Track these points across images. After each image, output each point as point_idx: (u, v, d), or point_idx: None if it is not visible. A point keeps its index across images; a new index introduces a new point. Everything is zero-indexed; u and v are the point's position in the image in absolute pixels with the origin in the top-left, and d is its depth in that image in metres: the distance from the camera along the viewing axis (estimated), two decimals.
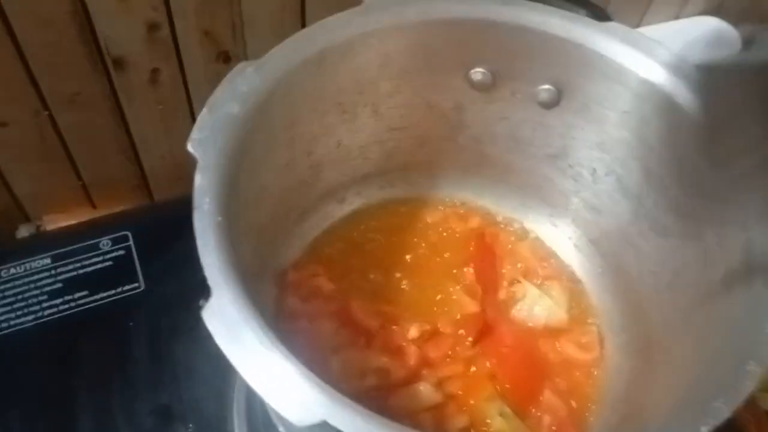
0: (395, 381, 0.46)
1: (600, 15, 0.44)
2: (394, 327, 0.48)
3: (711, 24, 0.82)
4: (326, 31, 0.40)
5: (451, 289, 0.51)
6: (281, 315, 0.48)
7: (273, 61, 0.38)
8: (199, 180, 0.33)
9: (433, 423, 0.44)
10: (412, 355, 0.47)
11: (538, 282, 0.52)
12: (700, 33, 0.80)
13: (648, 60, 0.40)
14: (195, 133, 0.35)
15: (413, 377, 0.46)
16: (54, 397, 0.53)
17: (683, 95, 0.39)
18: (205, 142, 0.35)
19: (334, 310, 0.49)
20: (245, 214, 0.40)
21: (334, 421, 0.27)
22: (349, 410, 0.28)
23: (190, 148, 0.34)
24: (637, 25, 0.80)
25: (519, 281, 0.52)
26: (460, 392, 0.46)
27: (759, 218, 0.35)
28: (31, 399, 0.53)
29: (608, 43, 0.41)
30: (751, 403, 0.63)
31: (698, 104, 0.38)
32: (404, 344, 0.47)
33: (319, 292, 0.49)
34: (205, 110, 0.36)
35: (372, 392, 0.45)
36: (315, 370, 0.43)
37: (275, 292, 0.48)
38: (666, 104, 0.40)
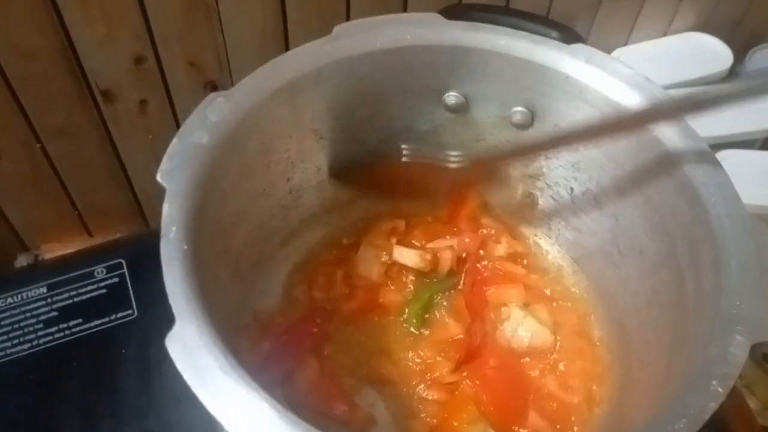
0: None
1: (570, 37, 0.45)
2: None
3: (700, 40, 0.82)
4: (296, 61, 0.41)
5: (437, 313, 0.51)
6: (266, 336, 0.48)
7: (242, 91, 0.39)
8: (167, 209, 0.34)
9: None
10: None
11: (524, 302, 0.52)
12: (688, 49, 0.80)
13: (611, 79, 0.40)
14: (164, 164, 0.36)
15: None
16: (48, 424, 0.54)
17: None
18: (174, 172, 0.35)
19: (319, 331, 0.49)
20: (220, 241, 0.41)
21: None
22: None
23: (159, 178, 0.35)
24: (624, 44, 0.80)
25: (505, 304, 0.51)
26: (444, 415, 0.46)
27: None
28: (25, 426, 0.54)
29: (573, 65, 0.41)
30: (750, 421, 0.62)
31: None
32: None
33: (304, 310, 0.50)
34: (175, 140, 0.37)
35: None
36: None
37: (263, 313, 0.49)
38: None
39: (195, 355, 0.29)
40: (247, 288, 0.47)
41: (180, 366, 0.29)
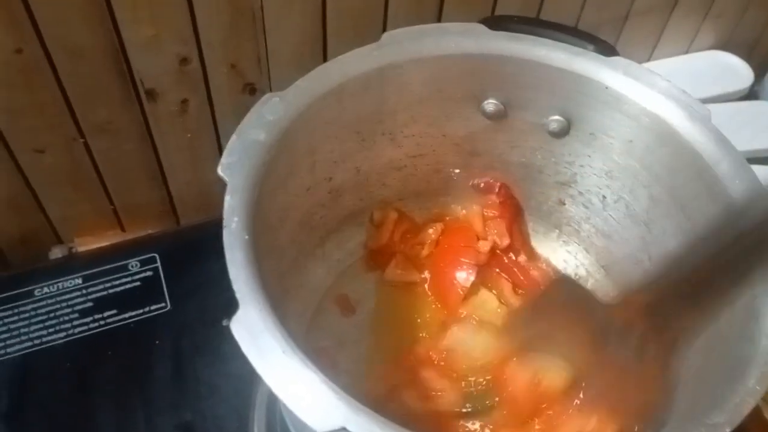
0: None
1: (607, 50, 0.46)
2: None
3: (720, 58, 0.84)
4: (346, 65, 0.43)
5: None
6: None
7: (296, 93, 0.41)
8: (229, 201, 0.36)
9: None
10: None
11: None
12: (709, 67, 0.82)
13: (650, 91, 0.42)
14: (225, 158, 0.37)
15: None
16: (81, 412, 0.56)
17: (683, 125, 0.41)
18: (233, 166, 0.37)
19: None
20: (268, 235, 0.42)
21: (352, 427, 0.29)
22: (367, 417, 0.29)
23: (220, 171, 0.37)
24: (647, 60, 0.82)
25: None
26: None
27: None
28: (60, 413, 0.56)
29: (612, 76, 0.43)
30: (761, 421, 0.63)
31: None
32: None
33: None
34: (234, 137, 0.38)
35: None
36: None
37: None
38: (667, 133, 0.42)
39: (258, 339, 0.31)
40: (286, 283, 0.48)
41: (245, 348, 0.30)
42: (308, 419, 0.29)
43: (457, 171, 0.54)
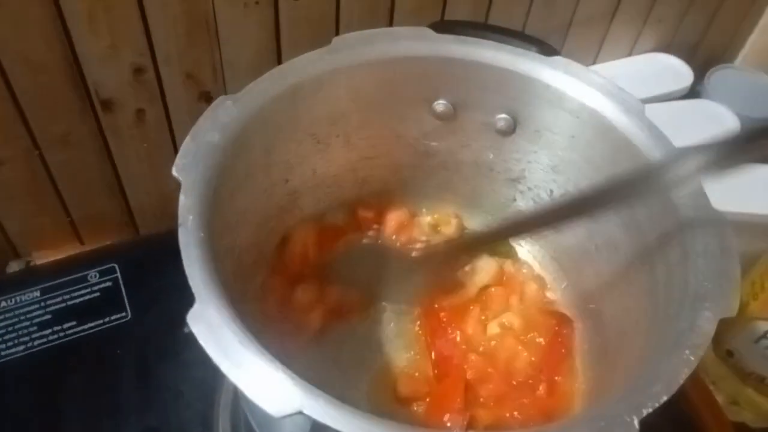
0: None
1: (548, 51, 0.49)
2: None
3: (662, 60, 0.88)
4: (298, 68, 0.44)
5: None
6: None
7: (250, 95, 0.42)
8: (184, 200, 0.36)
9: None
10: None
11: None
12: (653, 69, 0.86)
13: (588, 88, 0.45)
14: (179, 159, 0.38)
15: None
16: (46, 423, 0.55)
17: (619, 118, 0.43)
18: (188, 167, 0.38)
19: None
20: (227, 236, 0.43)
21: (309, 411, 0.30)
22: (324, 401, 0.31)
23: (174, 172, 0.38)
24: (592, 63, 0.86)
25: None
26: None
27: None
28: (23, 426, 0.55)
29: (553, 75, 0.45)
30: (719, 415, 0.66)
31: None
32: None
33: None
34: (188, 138, 0.39)
35: None
36: None
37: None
38: (605, 127, 0.44)
39: (215, 331, 0.32)
40: (246, 284, 0.49)
41: (202, 340, 0.31)
42: (266, 405, 0.30)
43: (413, 171, 0.55)
